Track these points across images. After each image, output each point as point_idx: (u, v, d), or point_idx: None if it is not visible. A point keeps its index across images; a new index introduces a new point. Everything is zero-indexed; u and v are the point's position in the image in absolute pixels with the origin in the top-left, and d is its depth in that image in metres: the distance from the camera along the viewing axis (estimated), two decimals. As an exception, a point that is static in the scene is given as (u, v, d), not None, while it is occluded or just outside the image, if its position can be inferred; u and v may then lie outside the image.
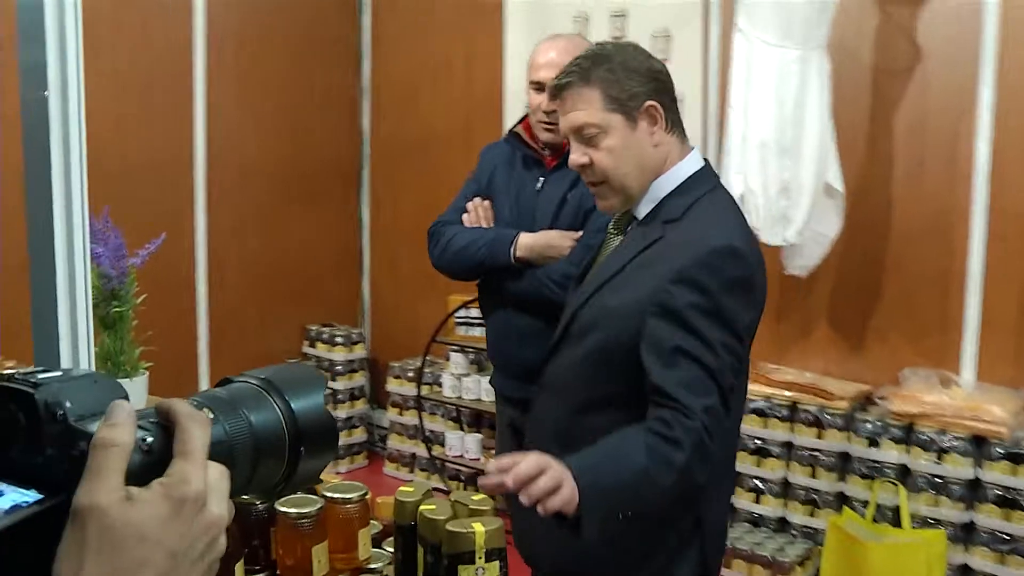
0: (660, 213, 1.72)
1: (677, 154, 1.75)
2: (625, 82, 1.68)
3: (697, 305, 1.59)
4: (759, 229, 3.33)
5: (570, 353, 1.79)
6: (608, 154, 1.71)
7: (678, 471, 1.52)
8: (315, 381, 0.76)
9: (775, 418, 3.55)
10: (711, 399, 1.57)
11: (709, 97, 3.89)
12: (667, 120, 1.71)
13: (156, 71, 4.33)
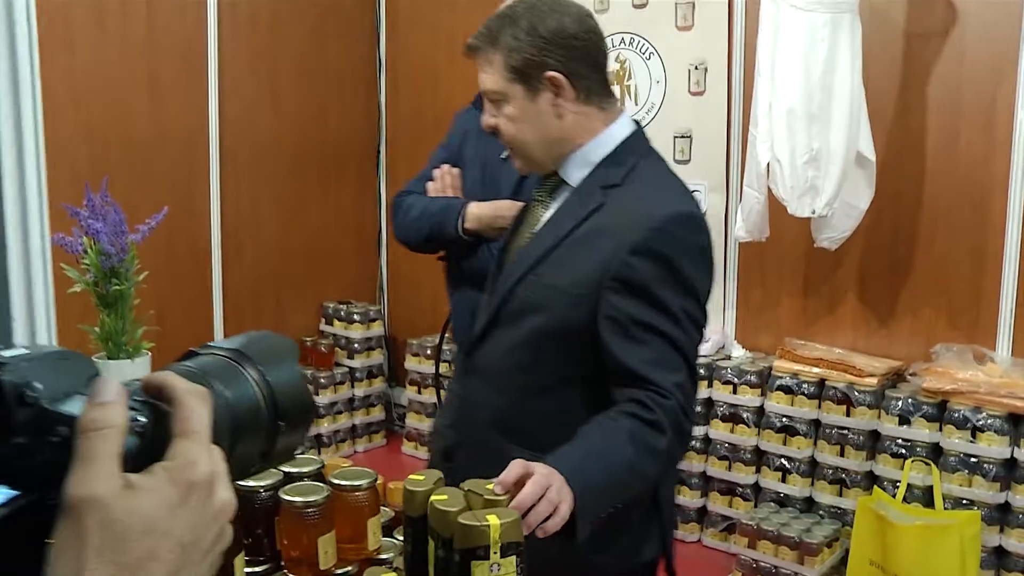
0: (596, 179, 1.62)
1: (600, 121, 1.63)
2: (527, 49, 1.57)
3: (660, 277, 1.50)
4: (786, 200, 3.23)
5: (506, 337, 1.66)
6: (509, 122, 1.63)
7: (663, 458, 1.46)
8: (288, 350, 0.70)
9: (802, 395, 3.45)
10: (681, 375, 1.49)
11: (734, 64, 3.77)
12: (578, 90, 1.59)
13: (169, 45, 4.25)
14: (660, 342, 1.48)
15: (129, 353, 1.71)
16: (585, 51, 1.59)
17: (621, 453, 1.41)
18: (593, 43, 1.61)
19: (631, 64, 4.04)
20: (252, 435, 0.65)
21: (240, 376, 0.65)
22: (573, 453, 1.39)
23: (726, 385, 3.67)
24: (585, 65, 1.60)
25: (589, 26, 1.61)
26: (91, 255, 1.63)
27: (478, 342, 1.74)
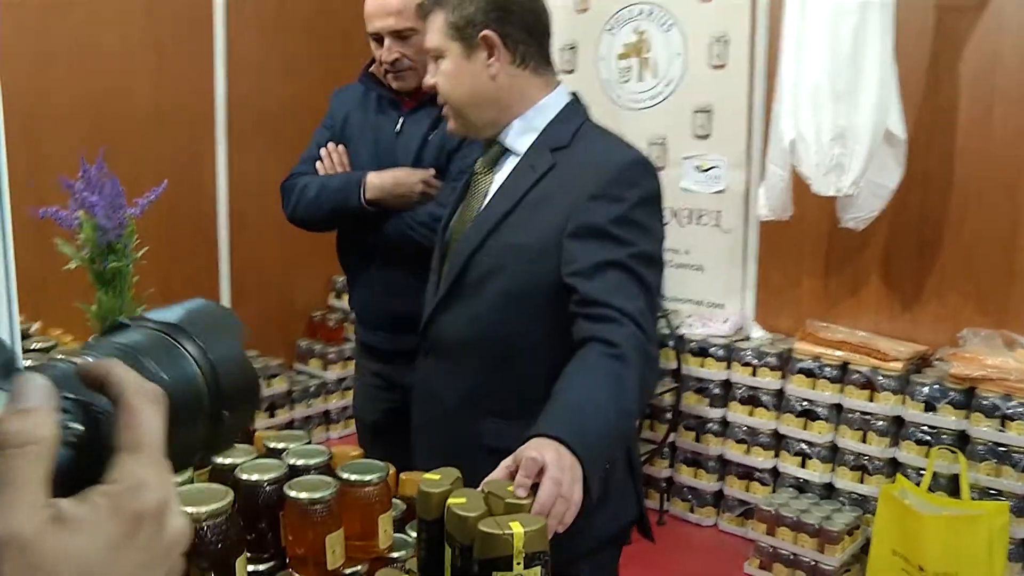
0: (543, 143, 1.65)
1: (535, 88, 1.67)
2: (467, 8, 1.63)
3: (618, 217, 1.53)
4: (810, 178, 3.12)
5: (466, 308, 1.66)
6: (444, 78, 1.68)
7: (639, 387, 1.45)
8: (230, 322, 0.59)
9: (824, 379, 3.36)
10: (640, 302, 1.50)
11: (757, 37, 3.64)
12: (513, 53, 1.64)
13: (172, 9, 4.13)
14: (618, 273, 1.50)
15: (127, 334, 1.62)
16: (523, 17, 1.64)
17: (604, 397, 1.39)
18: (532, 11, 1.66)
19: (650, 36, 3.92)
20: (193, 422, 0.55)
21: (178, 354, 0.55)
22: (562, 414, 1.35)
23: (745, 367, 3.57)
24: (522, 30, 1.64)
25: None
26: (87, 230, 1.54)
27: (433, 319, 1.72)
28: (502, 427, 1.60)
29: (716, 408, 3.66)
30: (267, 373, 4.24)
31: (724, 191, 3.79)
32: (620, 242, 1.51)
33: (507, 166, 1.69)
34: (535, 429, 1.28)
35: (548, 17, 1.69)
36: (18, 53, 3.68)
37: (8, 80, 3.63)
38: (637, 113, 3.95)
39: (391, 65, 2.27)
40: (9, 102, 3.71)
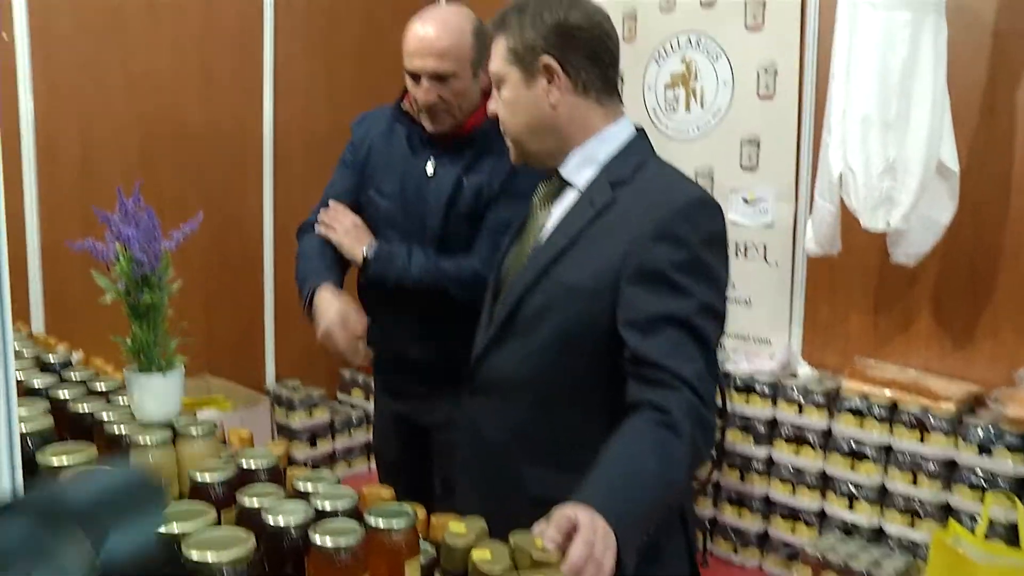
0: (604, 177, 1.59)
1: (598, 118, 1.61)
2: (527, 33, 1.58)
3: (679, 262, 1.45)
4: (858, 212, 3.05)
5: (520, 345, 1.60)
6: (504, 106, 1.64)
7: (688, 458, 1.39)
8: (149, 501, 0.52)
9: (872, 418, 3.26)
10: (699, 363, 1.42)
11: (806, 67, 3.59)
12: (573, 80, 1.58)
13: (224, 36, 4.18)
14: (677, 331, 1.43)
15: (161, 366, 1.61)
16: (586, 43, 1.58)
17: (647, 467, 1.33)
18: (596, 37, 1.59)
19: (697, 65, 3.88)
20: None
21: (53, 557, 0.47)
22: (601, 483, 1.30)
23: (791, 405, 3.49)
24: (584, 57, 1.58)
25: (595, 22, 1.60)
26: (122, 263, 1.53)
27: (483, 357, 1.67)
28: (547, 475, 1.54)
29: (761, 446, 3.58)
30: (309, 403, 4.24)
31: (771, 224, 3.73)
32: (681, 292, 1.44)
33: (566, 200, 1.63)
34: (575, 496, 1.24)
35: (615, 44, 1.63)
36: (74, 79, 3.76)
37: (64, 105, 3.72)
38: (684, 143, 3.91)
39: (427, 107, 2.21)
40: (65, 126, 3.80)
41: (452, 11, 2.23)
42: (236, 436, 1.76)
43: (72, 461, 1.39)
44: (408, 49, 2.21)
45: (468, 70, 2.20)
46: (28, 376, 1.89)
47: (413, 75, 2.20)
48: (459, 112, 2.22)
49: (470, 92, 2.22)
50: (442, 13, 2.23)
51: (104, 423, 1.59)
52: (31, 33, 3.62)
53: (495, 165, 2.20)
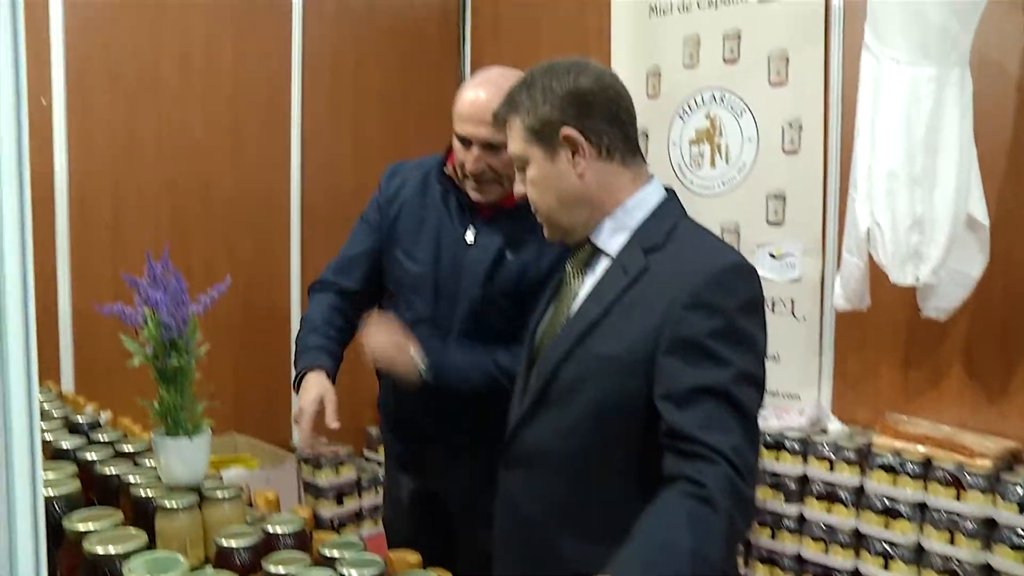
0: (636, 243, 1.57)
1: (626, 182, 1.60)
2: (541, 109, 1.56)
3: (716, 331, 1.42)
4: (887, 267, 3.02)
5: (554, 418, 1.57)
6: (532, 186, 1.62)
7: (725, 534, 1.34)
8: None
9: (906, 475, 3.20)
10: (736, 436, 1.37)
11: (831, 121, 3.59)
12: (596, 146, 1.56)
13: (252, 96, 4.26)
14: (713, 402, 1.39)
15: (188, 430, 1.61)
16: (601, 106, 1.57)
17: (682, 543, 1.29)
18: (610, 98, 1.57)
19: (722, 121, 3.89)
20: None
21: None
22: (635, 557, 1.27)
23: (822, 461, 3.44)
24: (603, 121, 1.57)
25: (607, 84, 1.59)
26: (150, 327, 1.55)
27: (518, 429, 1.63)
28: (586, 549, 1.51)
29: (792, 504, 3.52)
30: (335, 461, 4.22)
31: (799, 279, 3.71)
32: (718, 362, 1.40)
33: (599, 268, 1.61)
34: (608, 569, 1.22)
35: (629, 103, 1.61)
36: (107, 143, 3.83)
37: (97, 168, 3.79)
38: (710, 199, 3.91)
39: (476, 176, 2.12)
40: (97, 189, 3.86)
41: (507, 76, 2.11)
42: (262, 498, 1.76)
43: (98, 527, 1.39)
44: (461, 113, 2.13)
45: None
46: (57, 437, 1.90)
47: (464, 140, 2.13)
48: (507, 182, 2.11)
49: None
50: (496, 77, 2.13)
51: (131, 486, 1.60)
52: (67, 97, 3.70)
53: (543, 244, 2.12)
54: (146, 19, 3.89)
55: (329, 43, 4.49)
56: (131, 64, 3.88)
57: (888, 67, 2.94)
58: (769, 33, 3.71)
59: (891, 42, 2.93)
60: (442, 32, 4.91)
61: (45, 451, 1.87)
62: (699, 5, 3.92)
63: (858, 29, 3.25)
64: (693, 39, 3.94)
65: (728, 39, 3.84)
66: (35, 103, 3.63)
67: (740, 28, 3.80)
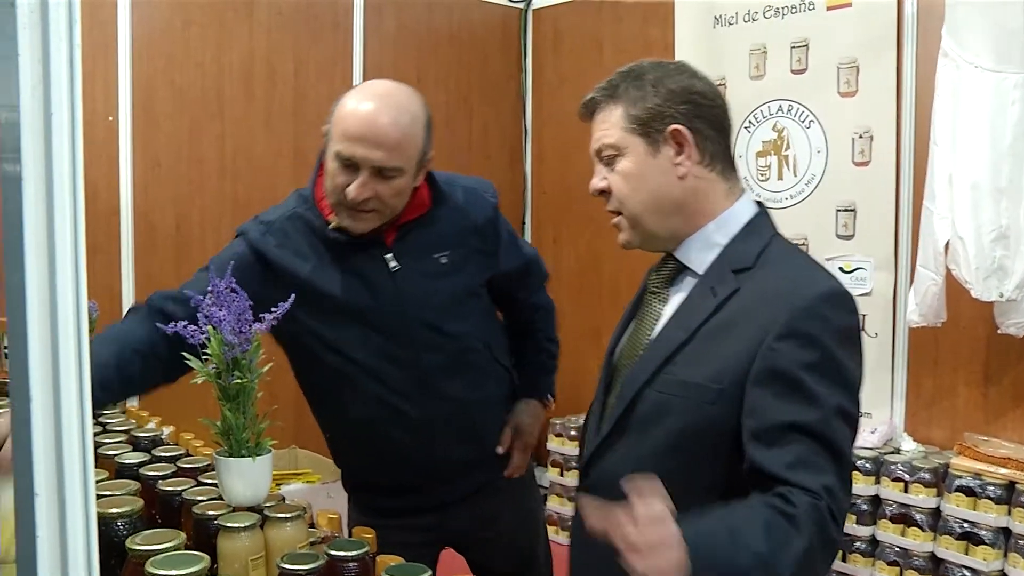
0: (725, 262, 1.46)
1: (721, 195, 1.49)
2: (651, 99, 1.46)
3: (811, 364, 1.31)
4: (969, 282, 2.91)
5: (634, 444, 1.47)
6: (622, 178, 1.48)
7: (796, 559, 1.23)
8: None
9: (987, 499, 3.08)
10: (829, 477, 1.27)
11: (903, 132, 3.49)
12: (701, 151, 1.46)
13: (314, 114, 4.27)
14: (807, 442, 1.29)
15: (251, 451, 1.58)
16: (710, 111, 1.48)
17: (752, 541, 1.21)
18: (720, 107, 1.50)
19: (789, 133, 3.81)
20: None
21: None
22: (702, 524, 1.21)
23: (896, 482, 3.32)
24: (712, 127, 1.48)
25: (718, 92, 1.51)
26: (213, 345, 1.52)
27: (595, 458, 1.55)
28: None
29: (864, 526, 3.41)
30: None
31: (870, 294, 3.60)
32: (812, 398, 1.30)
33: (684, 287, 1.51)
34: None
35: (730, 116, 1.53)
36: (171, 159, 3.87)
37: (161, 185, 3.83)
38: (777, 212, 3.80)
39: (355, 205, 1.83)
40: (162, 205, 3.89)
41: (405, 93, 1.88)
42: (324, 518, 1.73)
43: (161, 548, 1.37)
44: (348, 131, 1.81)
45: (414, 167, 1.87)
46: (120, 453, 1.89)
47: (347, 162, 1.82)
48: (389, 213, 1.90)
49: (406, 193, 1.90)
50: (396, 95, 1.86)
51: (193, 505, 1.57)
52: (133, 114, 3.75)
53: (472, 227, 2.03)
54: (210, 38, 3.94)
55: (390, 61, 4.50)
56: (195, 82, 3.92)
57: (969, 74, 2.84)
58: (838, 42, 3.62)
59: (972, 48, 2.83)
60: (503, 48, 4.90)
61: (108, 467, 1.86)
62: (765, 14, 3.85)
63: (933, 36, 3.15)
64: (759, 49, 3.86)
65: (795, 49, 3.76)
66: (102, 121, 3.69)
67: (808, 37, 3.72)
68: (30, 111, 0.54)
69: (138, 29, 3.74)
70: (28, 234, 0.54)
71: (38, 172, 0.56)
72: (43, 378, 0.54)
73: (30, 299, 0.53)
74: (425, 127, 1.89)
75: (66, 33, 0.57)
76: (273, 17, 4.11)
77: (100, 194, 3.68)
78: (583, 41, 4.71)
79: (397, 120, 1.81)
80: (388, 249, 1.95)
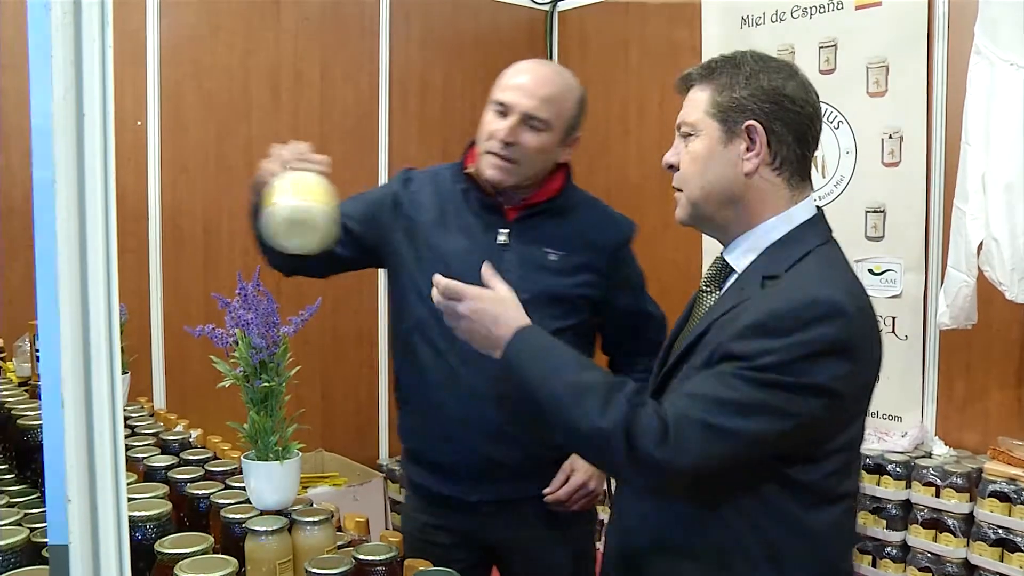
0: (759, 267, 1.46)
1: (782, 201, 1.47)
2: (739, 90, 1.45)
3: (765, 350, 1.31)
4: (1003, 284, 2.87)
5: None
6: (691, 158, 1.50)
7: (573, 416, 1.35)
8: None
9: (1022, 505, 3.03)
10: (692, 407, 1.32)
11: (934, 132, 3.44)
12: (774, 153, 1.45)
13: (340, 117, 4.29)
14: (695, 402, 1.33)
15: (278, 454, 1.58)
16: (795, 118, 1.46)
17: (563, 374, 1.38)
18: (807, 114, 1.47)
19: (817, 134, 3.77)
20: None
21: None
22: (542, 337, 1.45)
23: (927, 487, 3.28)
24: (790, 131, 1.46)
25: (811, 99, 1.49)
26: (241, 348, 1.52)
27: None
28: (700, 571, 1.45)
29: (895, 532, 3.36)
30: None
31: (900, 295, 3.56)
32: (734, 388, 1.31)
33: (727, 285, 1.52)
34: None
35: (820, 127, 1.51)
36: (199, 163, 3.89)
37: (189, 188, 3.85)
38: (803, 214, 3.79)
39: (502, 146, 1.97)
40: (190, 208, 3.92)
41: (564, 69, 2.10)
42: (352, 521, 1.73)
43: (189, 551, 1.37)
44: (507, 81, 2.02)
45: (560, 131, 2.03)
46: (148, 456, 1.90)
47: (501, 108, 2.00)
48: (526, 171, 2.01)
49: (547, 156, 2.04)
50: (555, 66, 2.11)
51: (220, 509, 1.58)
52: (161, 118, 3.78)
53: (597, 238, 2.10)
54: (237, 43, 3.96)
55: (416, 64, 4.50)
56: (223, 87, 3.94)
57: (1004, 72, 2.79)
58: (867, 42, 3.58)
59: (1008, 45, 2.78)
60: (529, 50, 4.88)
61: (136, 470, 1.87)
62: (793, 14, 3.82)
63: (965, 34, 3.11)
64: (787, 50, 3.83)
65: (824, 49, 3.72)
66: (131, 125, 3.71)
67: (836, 37, 3.68)
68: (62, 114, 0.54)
69: (166, 35, 3.76)
70: (60, 239, 0.54)
71: (70, 176, 0.56)
72: (75, 383, 0.54)
73: (62, 304, 0.53)
74: (578, 101, 2.05)
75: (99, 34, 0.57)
76: (300, 22, 4.12)
77: (128, 198, 3.70)
78: (609, 43, 4.69)
79: (551, 78, 2.01)
80: (506, 224, 2.05)
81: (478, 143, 2.06)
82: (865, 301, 1.43)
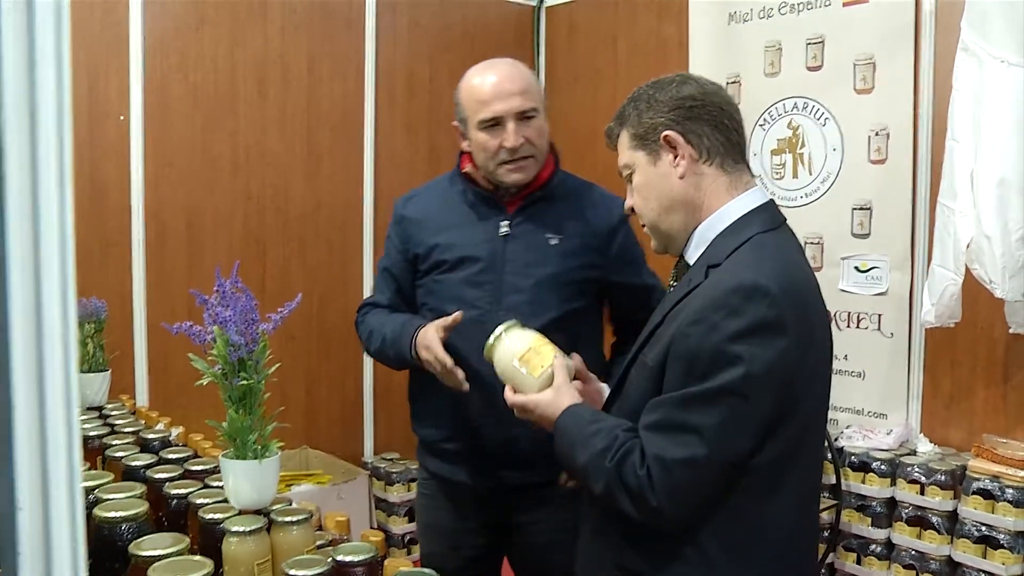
0: (705, 258, 1.55)
1: (722, 188, 1.57)
2: (645, 115, 1.59)
3: (704, 344, 1.42)
4: (993, 282, 2.86)
5: None
6: (637, 194, 1.63)
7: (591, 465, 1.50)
8: None
9: (1006, 502, 3.03)
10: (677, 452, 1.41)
11: (920, 129, 3.44)
12: (697, 148, 1.56)
13: (326, 113, 4.26)
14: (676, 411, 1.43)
15: (257, 453, 1.56)
16: (703, 112, 1.57)
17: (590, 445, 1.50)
18: (713, 104, 1.57)
19: (804, 131, 3.76)
20: None
21: None
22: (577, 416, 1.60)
23: (912, 484, 3.28)
24: (705, 125, 1.56)
25: (709, 91, 1.60)
26: (219, 345, 1.50)
27: None
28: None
29: (880, 529, 3.37)
30: (407, 477, 4.18)
31: (886, 293, 3.56)
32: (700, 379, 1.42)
33: None
34: None
35: (734, 110, 1.62)
36: (183, 158, 3.86)
37: (173, 183, 3.82)
38: (792, 211, 3.77)
39: (512, 153, 2.11)
40: (172, 204, 3.89)
41: (508, 59, 2.21)
42: (332, 520, 1.71)
43: (164, 553, 1.35)
44: (483, 97, 2.13)
45: (543, 108, 2.19)
46: (128, 455, 1.88)
47: (493, 123, 2.12)
48: (541, 157, 2.18)
49: (545, 133, 2.19)
50: (501, 62, 2.20)
51: (199, 509, 1.56)
52: (145, 113, 3.74)
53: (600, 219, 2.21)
54: (223, 37, 3.92)
55: (403, 57, 4.47)
56: (208, 81, 3.91)
57: (993, 68, 2.78)
58: (855, 38, 3.58)
59: (997, 41, 2.77)
60: (517, 45, 4.86)
61: (115, 470, 1.85)
62: (780, 11, 3.81)
63: (952, 30, 3.10)
64: (774, 46, 3.82)
65: (811, 45, 3.72)
66: (114, 120, 3.68)
67: (824, 34, 3.67)
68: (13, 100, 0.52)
69: (150, 28, 3.72)
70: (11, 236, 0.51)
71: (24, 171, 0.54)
72: (27, 385, 0.52)
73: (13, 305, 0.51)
74: (535, 76, 2.23)
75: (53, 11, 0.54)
76: (287, 16, 4.09)
77: (111, 193, 3.67)
78: (597, 38, 4.67)
79: (515, 73, 2.14)
80: (507, 216, 2.17)
81: (484, 163, 2.17)
82: (797, 283, 1.48)
